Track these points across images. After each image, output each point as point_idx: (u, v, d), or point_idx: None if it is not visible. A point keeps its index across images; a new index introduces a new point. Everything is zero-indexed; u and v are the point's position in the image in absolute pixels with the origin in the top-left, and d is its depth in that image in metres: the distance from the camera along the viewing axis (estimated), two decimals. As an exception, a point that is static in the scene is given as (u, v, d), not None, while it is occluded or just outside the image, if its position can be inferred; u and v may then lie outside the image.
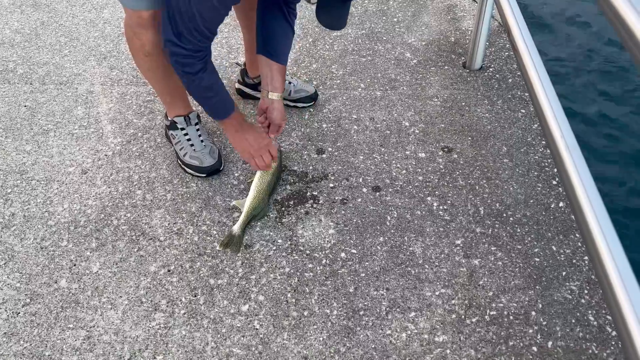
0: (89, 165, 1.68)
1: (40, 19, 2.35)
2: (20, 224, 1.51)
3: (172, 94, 1.61)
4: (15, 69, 2.07)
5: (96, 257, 1.43)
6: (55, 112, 1.87)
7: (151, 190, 1.60)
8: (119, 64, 2.09)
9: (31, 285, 1.36)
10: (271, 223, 1.51)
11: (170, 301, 1.32)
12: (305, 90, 1.86)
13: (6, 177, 1.64)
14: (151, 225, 1.51)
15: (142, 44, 1.43)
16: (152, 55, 1.45)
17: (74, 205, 1.56)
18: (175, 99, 1.63)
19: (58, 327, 1.27)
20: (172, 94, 1.61)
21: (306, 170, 1.66)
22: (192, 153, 1.63)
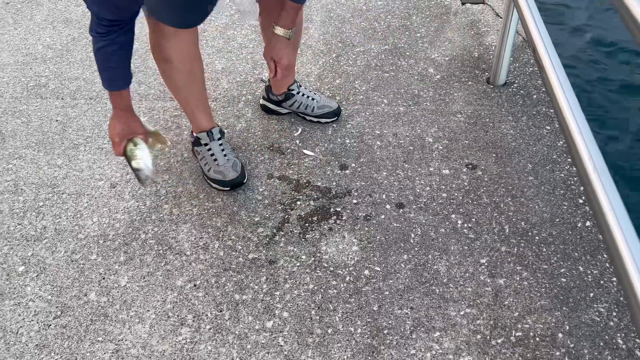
0: (118, 179, 1.72)
1: (71, 34, 2.42)
2: (52, 237, 1.55)
3: (195, 106, 1.64)
4: (47, 84, 2.13)
5: (124, 270, 1.46)
6: (85, 127, 1.93)
7: (178, 205, 1.63)
8: (147, 80, 2.14)
9: (62, 297, 1.40)
10: (295, 239, 1.52)
11: (196, 316, 1.34)
12: (328, 105, 1.88)
13: (38, 191, 1.69)
14: (178, 239, 1.53)
15: (160, 50, 1.48)
16: (172, 62, 1.49)
17: (103, 219, 1.60)
18: (197, 112, 1.66)
19: (88, 340, 1.30)
20: (194, 107, 1.64)
21: (329, 186, 1.68)
22: (215, 168, 1.66)
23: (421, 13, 2.47)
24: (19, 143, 1.86)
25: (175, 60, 1.47)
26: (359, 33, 2.36)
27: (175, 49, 1.45)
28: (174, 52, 1.45)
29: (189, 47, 1.49)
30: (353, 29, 2.38)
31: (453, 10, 2.48)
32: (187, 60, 1.51)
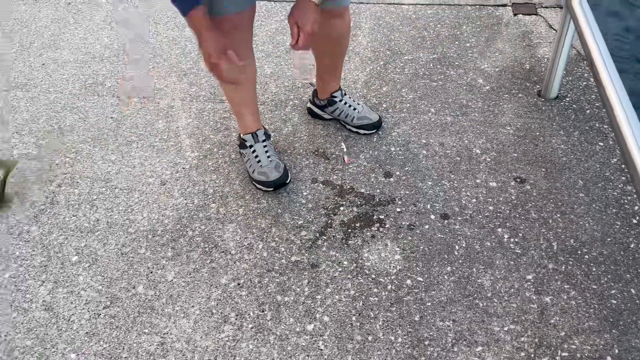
0: (168, 177, 1.78)
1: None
2: (104, 229, 1.61)
3: (243, 107, 1.67)
4: (104, 82, 2.22)
5: (171, 266, 1.50)
6: (138, 125, 2.00)
7: (224, 205, 1.67)
8: (198, 81, 2.20)
9: (111, 288, 1.45)
10: (337, 244, 1.53)
11: (239, 314, 1.37)
12: (368, 117, 1.87)
13: (93, 184, 1.76)
14: (223, 238, 1.57)
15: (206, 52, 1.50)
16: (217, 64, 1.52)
17: (153, 214, 1.65)
18: (244, 113, 1.69)
19: (134, 331, 1.35)
20: (242, 106, 1.67)
21: (373, 193, 1.68)
22: (259, 169, 1.69)
23: (472, 23, 2.45)
24: (76, 138, 1.95)
25: None
26: (407, 41, 2.35)
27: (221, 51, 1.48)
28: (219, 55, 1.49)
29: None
30: (402, 37, 2.38)
31: (504, 21, 2.44)
32: None
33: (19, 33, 2.56)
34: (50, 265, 1.51)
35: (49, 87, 2.20)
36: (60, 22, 2.63)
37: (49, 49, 2.43)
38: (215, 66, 1.34)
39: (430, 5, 2.58)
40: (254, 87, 1.66)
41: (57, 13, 2.71)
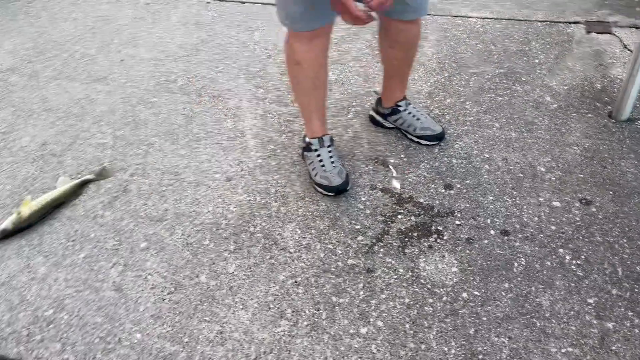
0: (233, 174, 1.85)
1: (200, 37, 2.63)
2: (172, 219, 1.70)
3: (312, 111, 1.73)
4: (177, 81, 2.34)
5: (233, 259, 1.56)
6: (207, 122, 2.09)
7: (285, 204, 1.72)
8: (265, 84, 2.28)
9: (176, 276, 1.53)
10: (394, 251, 1.55)
11: (295, 311, 1.41)
12: (431, 129, 1.88)
13: (163, 176, 1.86)
14: (283, 236, 1.62)
15: (293, 52, 1.58)
16: (301, 65, 1.59)
17: (218, 208, 1.72)
18: (313, 117, 1.74)
19: (196, 318, 1.41)
20: (312, 111, 1.73)
21: (432, 204, 1.69)
22: (322, 173, 1.73)
23: (541, 39, 2.41)
24: (149, 131, 2.06)
25: (305, 64, 1.57)
26: (473, 54, 2.34)
27: (307, 53, 1.55)
28: (306, 56, 1.56)
29: (320, 53, 1.59)
30: (468, 50, 2.37)
31: (576, 39, 2.39)
32: (316, 66, 1.60)
33: (100, 30, 2.73)
34: (121, 249, 1.61)
35: (126, 82, 2.34)
36: (139, 21, 2.78)
37: (128, 46, 2.58)
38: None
39: (499, 20, 2.56)
40: (324, 93, 1.71)
41: (136, 12, 2.87)
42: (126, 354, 1.34)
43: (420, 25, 1.73)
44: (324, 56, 1.63)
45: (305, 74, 1.61)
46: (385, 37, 1.76)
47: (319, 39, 1.57)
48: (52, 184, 1.83)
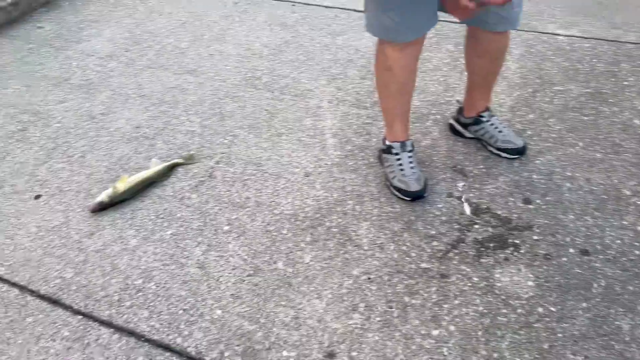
0: (311, 169, 1.92)
1: (284, 37, 2.73)
2: (253, 207, 1.78)
3: (397, 116, 1.76)
4: (261, 78, 2.44)
5: (309, 250, 1.62)
6: (288, 119, 2.17)
7: (360, 203, 1.77)
8: (345, 86, 2.34)
9: (255, 260, 1.60)
10: (469, 260, 1.56)
11: (368, 306, 1.45)
12: (513, 142, 1.87)
13: (246, 166, 1.95)
14: (358, 233, 1.66)
15: (385, 59, 1.61)
16: (392, 70, 1.63)
17: (296, 201, 1.79)
18: (397, 122, 1.77)
19: (272, 302, 1.48)
20: (396, 116, 1.76)
21: (510, 217, 1.68)
22: (400, 177, 1.76)
23: (632, 61, 2.34)
24: (234, 123, 2.17)
25: (396, 70, 1.61)
26: (559, 72, 2.30)
27: (400, 60, 1.59)
28: (397, 63, 1.59)
29: (412, 61, 1.62)
30: (554, 67, 2.34)
31: (671, 63, 2.30)
32: (406, 72, 1.64)
33: (192, 25, 2.89)
34: (205, 230, 1.70)
35: (215, 75, 2.47)
36: (227, 19, 2.92)
37: (217, 42, 2.72)
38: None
39: (588, 39, 2.51)
40: (410, 99, 1.74)
41: (225, 10, 3.02)
42: (207, 327, 1.42)
43: (509, 36, 1.73)
44: (415, 63, 1.67)
45: (395, 80, 1.65)
46: (473, 46, 1.78)
47: (412, 46, 1.61)
48: (144, 163, 1.97)
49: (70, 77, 2.49)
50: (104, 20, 2.96)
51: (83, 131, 2.15)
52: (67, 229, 1.73)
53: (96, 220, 1.76)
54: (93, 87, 2.42)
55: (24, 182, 1.92)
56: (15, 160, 2.03)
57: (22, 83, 2.47)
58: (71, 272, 1.59)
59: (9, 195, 1.87)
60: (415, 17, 1.52)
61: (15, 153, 2.06)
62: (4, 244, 1.69)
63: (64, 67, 2.57)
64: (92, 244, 1.67)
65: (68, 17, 3.01)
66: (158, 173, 1.88)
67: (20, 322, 1.46)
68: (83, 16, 3.01)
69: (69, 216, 1.78)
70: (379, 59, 1.67)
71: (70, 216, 1.78)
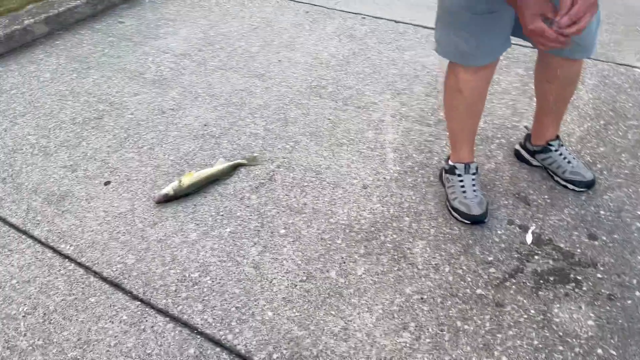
0: (370, 182, 1.92)
1: (352, 49, 2.76)
2: (309, 214, 1.80)
3: (463, 137, 1.74)
4: (327, 87, 2.47)
5: (362, 262, 1.62)
6: (350, 130, 2.19)
7: (417, 221, 1.76)
8: (409, 102, 2.33)
9: (309, 266, 1.62)
10: (527, 291, 1.51)
11: (419, 326, 1.44)
12: (582, 174, 1.80)
13: (306, 173, 1.98)
14: (412, 252, 1.65)
15: (456, 80, 1.60)
16: (462, 92, 1.61)
17: (352, 212, 1.80)
18: (463, 143, 1.75)
19: (323, 310, 1.49)
20: (462, 138, 1.74)
21: (573, 252, 1.62)
22: (462, 199, 1.73)
23: None
24: (297, 130, 2.20)
25: (466, 92, 1.59)
26: (635, 106, 2.21)
27: (471, 82, 1.57)
28: (468, 85, 1.58)
29: (483, 84, 1.61)
30: (629, 100, 2.25)
31: None
32: (476, 95, 1.62)
33: (263, 30, 2.97)
34: (262, 232, 1.74)
35: (281, 81, 2.52)
36: (297, 27, 2.98)
37: (286, 49, 2.78)
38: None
39: (670, 73, 2.39)
40: (478, 121, 1.72)
41: (296, 18, 3.08)
42: (257, 328, 1.45)
43: (582, 64, 1.68)
44: (486, 87, 1.65)
45: (465, 102, 1.64)
46: (544, 71, 1.73)
47: (485, 70, 1.59)
48: (208, 160, 2.03)
49: (145, 72, 2.61)
50: (181, 20, 3.09)
51: (153, 124, 2.25)
52: (132, 217, 1.81)
53: (160, 210, 1.83)
54: (166, 83, 2.52)
55: (96, 167, 2.03)
56: (89, 146, 2.14)
57: (101, 74, 2.61)
58: (133, 259, 1.66)
59: (81, 179, 1.98)
60: (490, 41, 1.50)
61: (90, 139, 2.18)
62: (74, 224, 1.79)
63: (140, 61, 2.70)
64: (155, 234, 1.74)
65: (147, 14, 3.16)
66: (222, 171, 1.94)
67: (83, 301, 1.54)
68: (161, 14, 3.15)
69: (135, 205, 1.86)
70: (449, 80, 1.65)
71: (136, 205, 1.86)
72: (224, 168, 1.95)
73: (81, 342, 1.43)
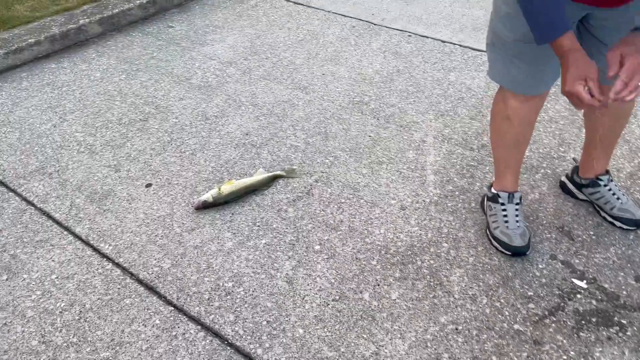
0: (408, 204, 1.89)
1: (397, 66, 2.74)
2: (345, 231, 1.79)
3: (509, 166, 1.70)
4: (369, 103, 2.46)
5: (397, 286, 1.60)
6: (391, 149, 2.17)
7: (456, 248, 1.72)
8: (453, 124, 2.30)
9: (342, 286, 1.60)
10: (567, 331, 1.46)
11: (452, 358, 1.40)
12: (631, 212, 1.73)
13: (343, 189, 1.96)
14: (449, 279, 1.61)
15: (505, 107, 1.57)
16: (511, 120, 1.57)
17: (389, 233, 1.78)
18: (508, 172, 1.71)
19: (354, 332, 1.47)
20: (508, 166, 1.70)
21: (618, 294, 1.55)
22: (503, 229, 1.69)
23: None
24: (337, 145, 2.20)
25: (514, 120, 1.56)
26: (691, 144, 2.12)
27: (520, 110, 1.54)
28: (517, 113, 1.54)
29: (533, 113, 1.57)
30: (685, 137, 2.16)
31: None
32: (525, 124, 1.58)
33: (309, 43, 2.98)
34: (297, 246, 1.73)
35: (324, 95, 2.52)
36: (343, 41, 2.99)
37: (330, 62, 2.79)
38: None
39: None
40: (525, 150, 1.68)
41: (342, 33, 3.09)
42: (287, 345, 1.44)
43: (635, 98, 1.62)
44: (535, 116, 1.61)
45: (513, 130, 1.60)
46: None
47: (536, 99, 1.55)
48: (248, 170, 2.05)
49: (191, 77, 2.66)
50: (229, 28, 3.14)
51: (196, 130, 2.28)
52: (170, 221, 1.83)
53: (198, 217, 1.84)
54: (211, 89, 2.56)
55: (139, 169, 2.07)
56: (134, 147, 2.18)
57: (149, 76, 2.67)
58: (169, 263, 1.68)
59: (124, 179, 2.02)
60: (543, 71, 1.47)
61: (135, 140, 2.22)
62: (114, 224, 1.82)
63: (187, 66, 2.75)
64: (192, 240, 1.76)
65: (196, 20, 3.22)
66: (260, 182, 1.94)
67: (119, 302, 1.56)
68: (210, 21, 3.21)
69: (174, 209, 1.88)
70: (498, 106, 1.62)
71: (175, 209, 1.88)
72: (263, 179, 1.95)
73: (114, 343, 1.45)
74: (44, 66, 2.76)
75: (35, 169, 2.06)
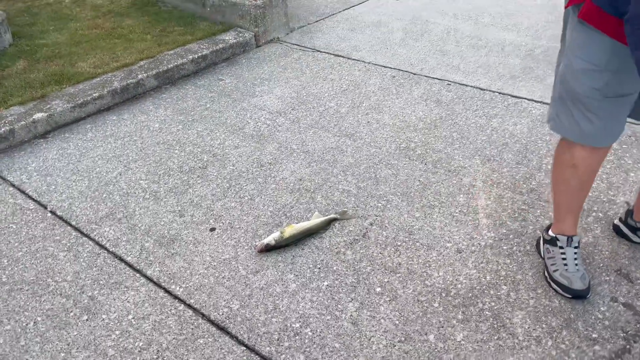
0: (464, 247, 1.94)
1: (439, 114, 2.85)
2: (404, 274, 1.84)
3: (570, 211, 1.74)
4: (415, 149, 2.55)
5: (461, 328, 1.63)
6: (441, 193, 2.24)
7: (515, 290, 1.75)
8: (500, 169, 2.36)
9: (406, 327, 1.64)
10: (637, 374, 1.46)
11: (523, 400, 1.41)
12: None
13: (398, 232, 2.03)
14: (512, 321, 1.64)
15: (572, 157, 1.62)
16: (577, 168, 1.63)
17: (448, 276, 1.82)
18: (568, 216, 1.75)
19: (423, 373, 1.50)
20: (569, 211, 1.74)
21: (685, 336, 1.56)
22: (563, 272, 1.72)
23: None
24: (388, 189, 2.28)
25: (581, 169, 1.61)
26: None
27: (588, 160, 1.59)
28: (584, 162, 1.60)
29: (599, 161, 1.63)
30: None
31: None
32: (590, 172, 1.64)
33: (352, 93, 3.13)
34: (358, 288, 1.79)
35: (371, 141, 2.63)
36: (384, 91, 3.12)
37: (374, 111, 2.91)
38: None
39: None
40: (587, 195, 1.72)
41: (383, 82, 3.23)
42: (359, 385, 1.47)
43: None
44: (600, 164, 1.65)
45: (578, 178, 1.64)
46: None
47: (604, 149, 1.61)
48: (304, 214, 2.13)
49: (244, 127, 2.80)
50: (275, 80, 3.31)
51: (253, 176, 2.40)
52: (235, 263, 1.91)
53: (261, 259, 1.92)
54: (263, 138, 2.69)
55: (202, 214, 2.18)
56: (196, 193, 2.30)
57: (204, 126, 2.83)
58: (237, 304, 1.75)
59: (189, 224, 2.13)
60: (616, 123, 1.53)
61: (196, 187, 2.34)
62: (183, 267, 1.91)
63: (239, 116, 2.90)
64: (257, 281, 1.83)
65: (245, 73, 3.41)
66: (318, 225, 2.03)
67: (193, 341, 1.63)
68: (257, 74, 3.40)
69: (238, 252, 1.97)
70: (562, 155, 1.67)
71: (239, 252, 1.97)
72: (320, 222, 2.04)
73: (191, 381, 1.51)
74: (106, 118, 2.95)
75: (105, 215, 2.19)
